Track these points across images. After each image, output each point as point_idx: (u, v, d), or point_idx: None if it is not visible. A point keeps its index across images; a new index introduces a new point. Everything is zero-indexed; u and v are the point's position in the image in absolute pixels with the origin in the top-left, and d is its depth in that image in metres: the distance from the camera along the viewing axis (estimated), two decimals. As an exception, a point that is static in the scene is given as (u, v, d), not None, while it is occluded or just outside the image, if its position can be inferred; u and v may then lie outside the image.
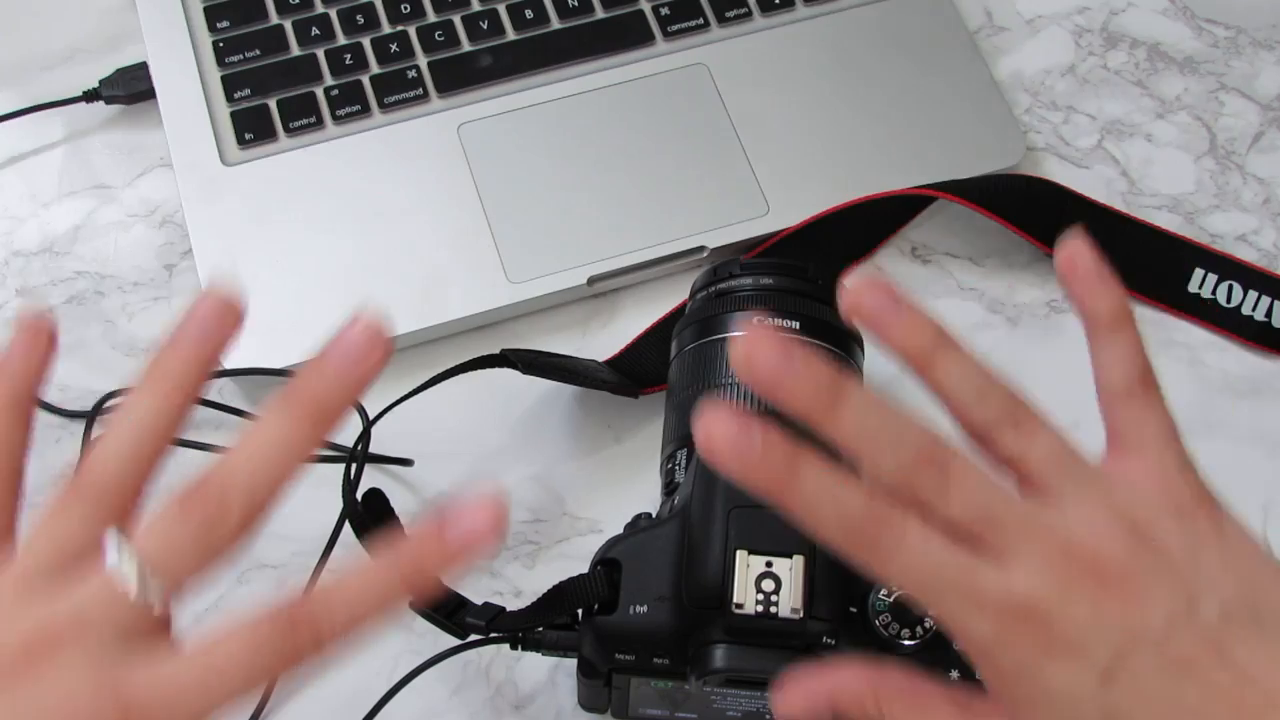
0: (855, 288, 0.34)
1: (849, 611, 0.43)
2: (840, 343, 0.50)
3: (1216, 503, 0.36)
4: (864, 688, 0.35)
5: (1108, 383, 0.37)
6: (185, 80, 0.63)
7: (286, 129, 0.62)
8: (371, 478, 0.56)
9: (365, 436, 0.54)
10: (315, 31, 0.64)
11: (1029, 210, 0.61)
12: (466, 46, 0.65)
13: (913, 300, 0.35)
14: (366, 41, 0.64)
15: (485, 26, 0.65)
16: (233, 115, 0.62)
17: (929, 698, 0.36)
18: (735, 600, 0.41)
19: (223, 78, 0.63)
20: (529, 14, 0.65)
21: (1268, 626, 0.34)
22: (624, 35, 0.65)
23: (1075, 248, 0.37)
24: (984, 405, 0.35)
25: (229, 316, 0.33)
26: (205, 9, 0.65)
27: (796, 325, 0.50)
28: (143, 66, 0.64)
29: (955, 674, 0.43)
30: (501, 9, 0.65)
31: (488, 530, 0.31)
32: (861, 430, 0.33)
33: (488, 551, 0.34)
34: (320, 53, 0.64)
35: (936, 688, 0.36)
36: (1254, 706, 0.33)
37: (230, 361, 0.56)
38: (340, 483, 0.51)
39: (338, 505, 0.52)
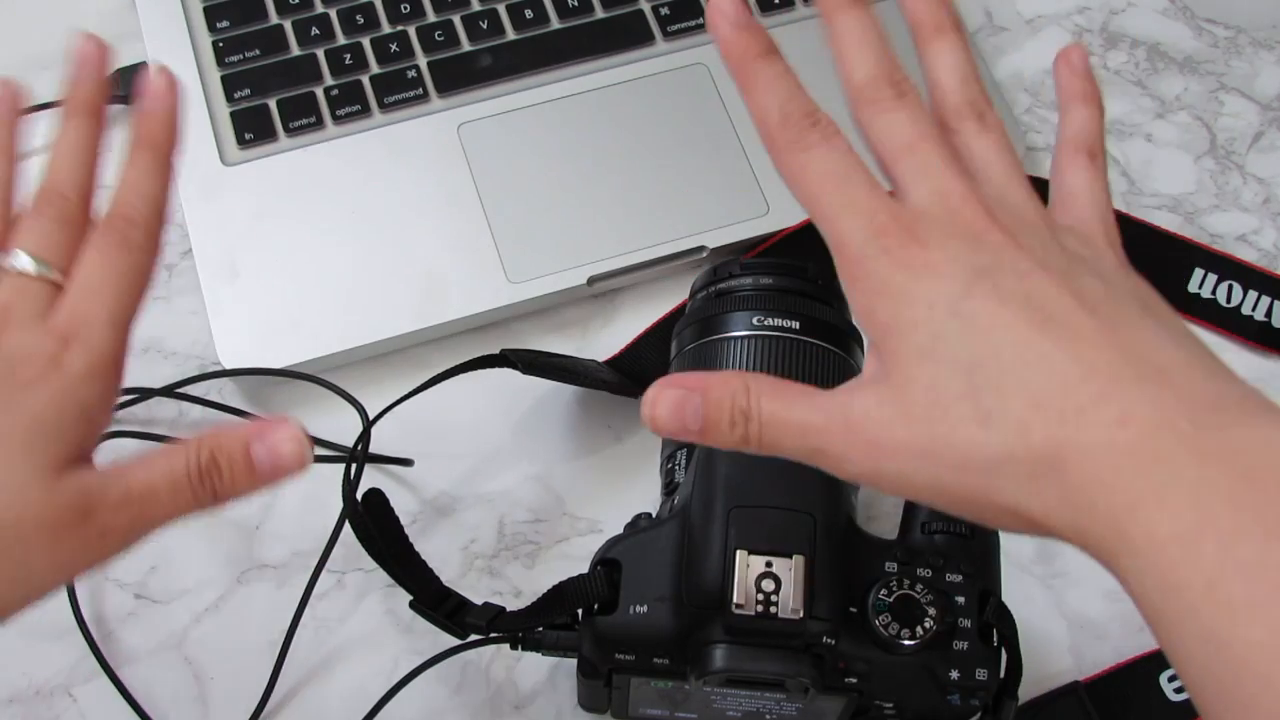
0: None
1: (849, 611, 0.43)
2: (840, 343, 0.50)
3: (1159, 299, 0.35)
4: (735, 380, 0.35)
5: (1067, 138, 0.40)
6: (185, 80, 0.63)
7: (286, 129, 0.62)
8: (371, 478, 0.56)
9: (365, 436, 0.54)
10: (315, 31, 0.64)
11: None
12: (466, 46, 0.65)
13: None
14: (366, 41, 0.64)
15: (485, 26, 0.65)
16: (233, 115, 0.62)
17: (790, 386, 0.36)
18: (735, 600, 0.41)
19: (223, 78, 0.63)
20: (529, 14, 0.65)
21: (1159, 317, 0.34)
22: (624, 35, 0.65)
23: (1073, 52, 0.41)
24: (963, 90, 0.39)
25: (102, 51, 0.44)
26: (205, 9, 0.65)
27: (796, 325, 0.50)
28: (143, 66, 0.64)
29: (955, 674, 0.43)
30: (501, 9, 0.65)
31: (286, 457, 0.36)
32: (848, 31, 0.37)
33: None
34: (320, 53, 0.64)
35: (795, 383, 0.36)
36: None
37: (230, 361, 0.56)
38: (340, 483, 0.51)
39: (338, 505, 0.52)
